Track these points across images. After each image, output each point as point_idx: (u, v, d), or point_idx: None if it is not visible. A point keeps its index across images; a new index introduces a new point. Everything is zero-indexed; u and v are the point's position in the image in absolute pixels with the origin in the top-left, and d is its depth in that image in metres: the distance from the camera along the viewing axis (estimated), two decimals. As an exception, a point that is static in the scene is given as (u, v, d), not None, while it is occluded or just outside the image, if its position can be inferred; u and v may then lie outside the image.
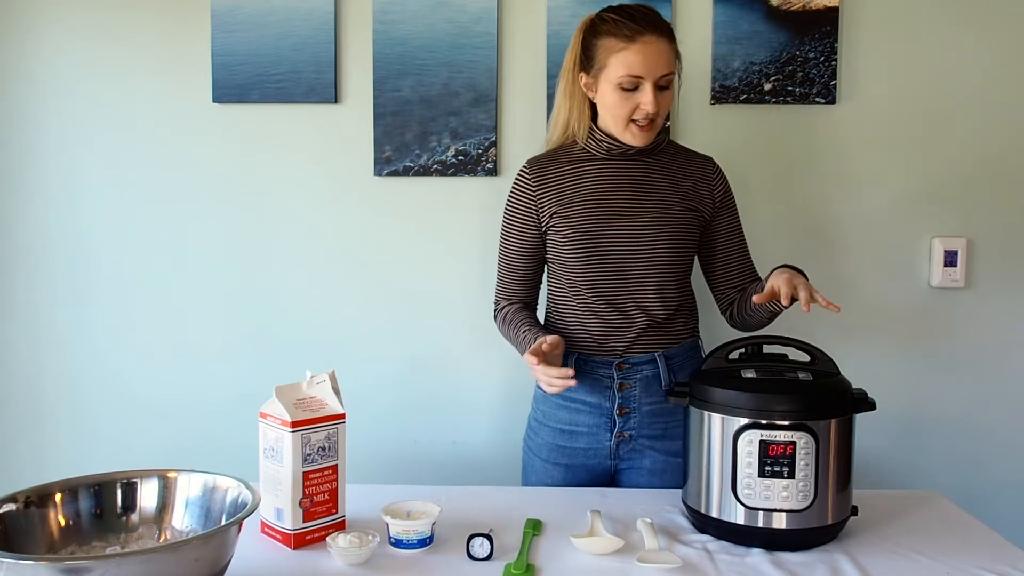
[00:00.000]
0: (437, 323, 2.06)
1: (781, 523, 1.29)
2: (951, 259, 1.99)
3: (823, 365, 1.40)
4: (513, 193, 1.69)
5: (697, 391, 1.37)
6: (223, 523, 1.16)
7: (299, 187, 2.04)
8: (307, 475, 1.31)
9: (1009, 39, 1.98)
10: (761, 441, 1.28)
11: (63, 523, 1.19)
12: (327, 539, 1.27)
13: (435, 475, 2.06)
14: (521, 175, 1.68)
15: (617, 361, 1.62)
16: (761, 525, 1.30)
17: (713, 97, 1.99)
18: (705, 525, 1.36)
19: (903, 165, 2.00)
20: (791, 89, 1.98)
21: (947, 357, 2.03)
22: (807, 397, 1.32)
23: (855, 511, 1.36)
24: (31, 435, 2.10)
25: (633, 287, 1.61)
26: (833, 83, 1.97)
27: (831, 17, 1.96)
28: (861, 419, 1.36)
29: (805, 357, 1.42)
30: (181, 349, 2.08)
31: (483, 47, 1.99)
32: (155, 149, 2.04)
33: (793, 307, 1.48)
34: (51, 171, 2.06)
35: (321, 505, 1.33)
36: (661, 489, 1.57)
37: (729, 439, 1.31)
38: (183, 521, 1.24)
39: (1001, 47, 1.98)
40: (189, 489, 1.25)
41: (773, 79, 1.98)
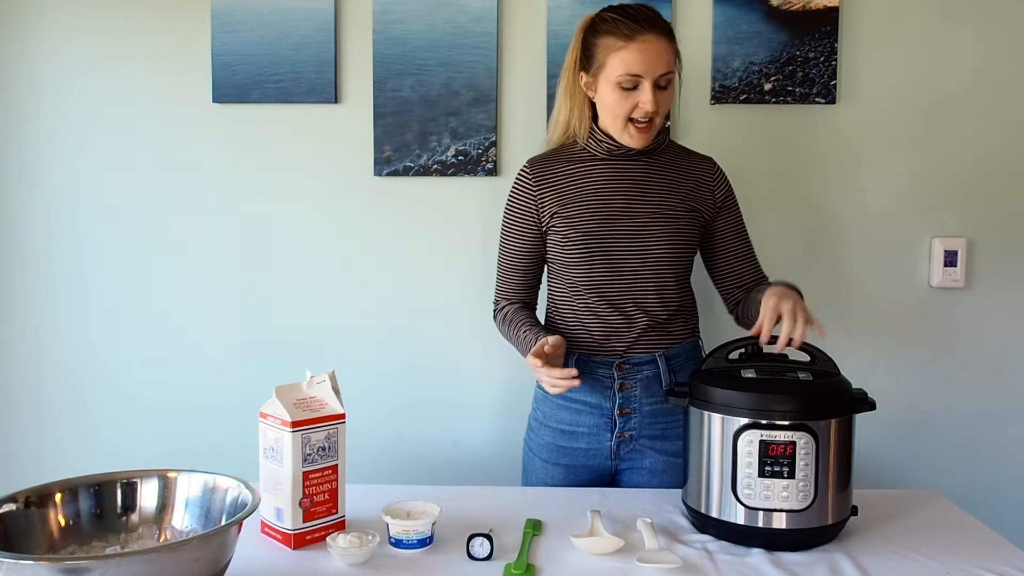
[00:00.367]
0: (437, 323, 2.06)
1: (781, 523, 1.29)
2: (951, 259, 1.99)
3: (823, 365, 1.40)
4: (513, 193, 1.69)
5: (697, 391, 1.37)
6: (223, 523, 1.16)
7: (299, 187, 2.04)
8: (307, 475, 1.31)
9: (1009, 39, 1.98)
10: (761, 441, 1.28)
11: (63, 523, 1.19)
12: (327, 539, 1.27)
13: (435, 475, 2.06)
14: (521, 175, 1.68)
15: (618, 361, 1.62)
16: (761, 525, 1.30)
17: (713, 97, 1.99)
18: (705, 525, 1.37)
19: (903, 165, 2.01)
20: (791, 89, 1.98)
21: (947, 357, 2.03)
22: (807, 397, 1.32)
23: (855, 511, 1.36)
24: (31, 435, 2.10)
25: (633, 287, 1.61)
26: (833, 83, 1.97)
27: (831, 17, 1.96)
28: (861, 419, 1.36)
29: (805, 357, 1.42)
30: (181, 349, 2.08)
31: (483, 47, 1.99)
32: (155, 149, 2.05)
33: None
34: (51, 171, 2.06)
35: (321, 505, 1.33)
36: (661, 489, 1.57)
37: (729, 439, 1.31)
38: (183, 521, 1.24)
39: (1001, 47, 1.98)
40: (189, 489, 1.25)
41: (773, 79, 1.98)
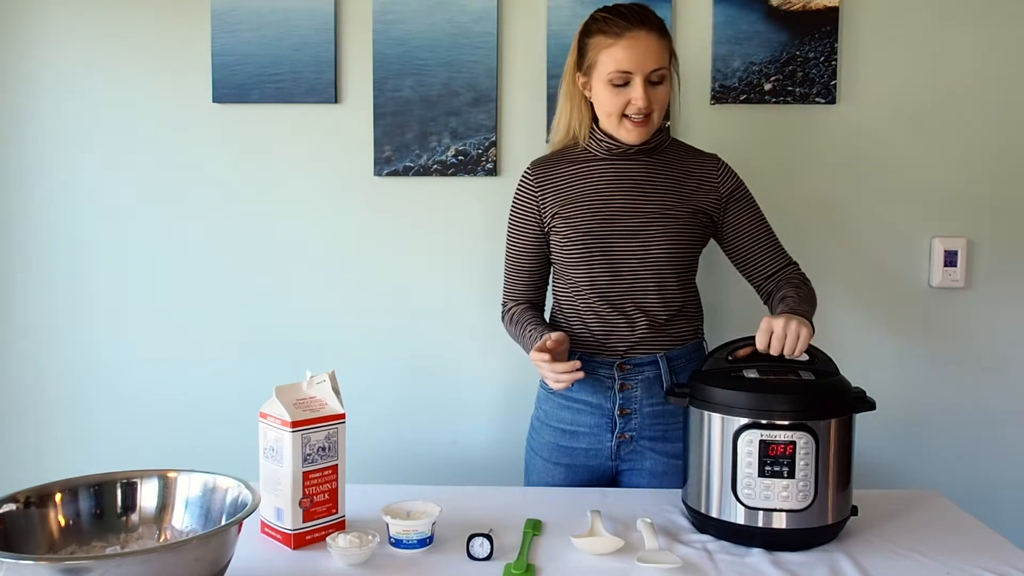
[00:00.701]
0: (437, 323, 2.06)
1: (781, 523, 1.29)
2: (951, 259, 1.99)
3: (823, 365, 1.40)
4: (517, 194, 1.69)
5: (697, 391, 1.37)
6: (223, 523, 1.16)
7: (299, 187, 2.04)
8: (307, 475, 1.31)
9: (1009, 39, 1.98)
10: (761, 441, 1.28)
11: (63, 523, 1.19)
12: (327, 539, 1.27)
13: (435, 475, 2.06)
14: (524, 176, 1.69)
15: (618, 362, 1.62)
16: (761, 525, 1.30)
17: (713, 97, 1.99)
18: (705, 525, 1.36)
19: (903, 165, 2.00)
20: (791, 89, 1.98)
21: (947, 357, 2.03)
22: (807, 397, 1.32)
23: (855, 511, 1.36)
24: (31, 435, 2.10)
25: (634, 288, 1.61)
26: (833, 83, 1.97)
27: (831, 17, 1.96)
28: (861, 419, 1.36)
29: (804, 356, 1.42)
30: (181, 349, 2.08)
31: (483, 47, 1.99)
32: (155, 149, 2.04)
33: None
34: (51, 170, 2.06)
35: (321, 505, 1.33)
36: (661, 489, 1.57)
37: (729, 439, 1.31)
38: (183, 521, 1.24)
39: (1001, 47, 1.98)
40: (189, 489, 1.25)
41: (773, 79, 1.97)
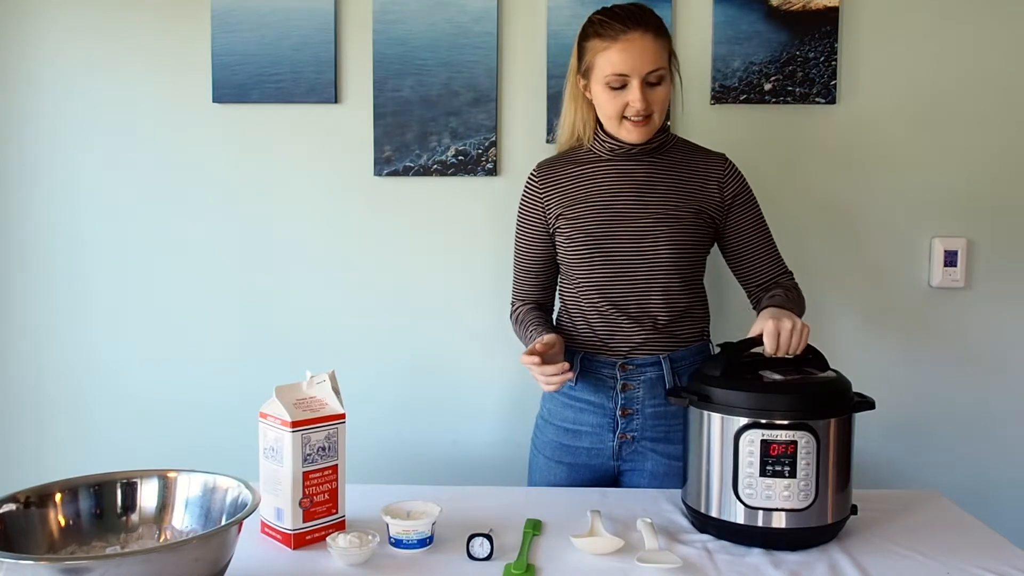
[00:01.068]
0: (437, 322, 2.06)
1: (781, 523, 1.29)
2: (951, 259, 1.99)
3: (820, 361, 1.41)
4: (523, 196, 1.70)
5: (697, 391, 1.37)
6: (223, 523, 1.16)
7: (299, 187, 2.04)
8: (307, 475, 1.31)
9: (1009, 39, 1.98)
10: (762, 441, 1.28)
11: (63, 523, 1.19)
12: (327, 539, 1.27)
13: (435, 475, 2.06)
14: (530, 178, 1.69)
15: (621, 362, 1.62)
16: (761, 525, 1.30)
17: (713, 97, 1.99)
18: (705, 525, 1.36)
19: (903, 165, 2.00)
20: (791, 89, 1.98)
21: (947, 357, 2.03)
22: (808, 397, 1.32)
23: (855, 510, 1.36)
24: (31, 435, 2.10)
25: (637, 289, 1.60)
26: (833, 83, 1.97)
27: (831, 17, 1.96)
28: (861, 419, 1.36)
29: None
30: (181, 349, 2.07)
31: (483, 47, 1.98)
32: (155, 149, 2.04)
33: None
34: (51, 170, 2.06)
35: (321, 505, 1.33)
36: (661, 489, 1.57)
37: (730, 439, 1.31)
38: (183, 521, 1.24)
39: (1001, 47, 1.98)
40: (189, 489, 1.25)
41: (773, 79, 1.97)
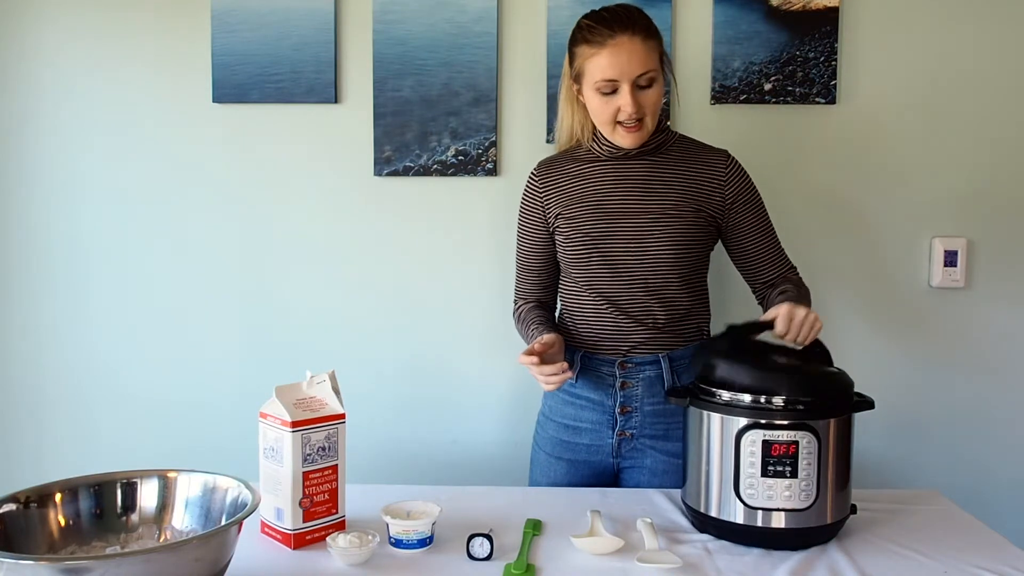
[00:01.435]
0: (437, 323, 2.06)
1: (781, 522, 1.29)
2: (951, 259, 1.99)
3: (825, 356, 1.42)
4: (523, 195, 1.70)
5: (697, 391, 1.37)
6: (223, 523, 1.16)
7: (299, 187, 2.04)
8: (307, 475, 1.31)
9: (1009, 39, 1.98)
10: (764, 441, 1.28)
11: (63, 523, 1.19)
12: (327, 539, 1.27)
13: (435, 475, 2.06)
14: (531, 177, 1.70)
15: (620, 360, 1.62)
16: (761, 524, 1.30)
17: (713, 97, 1.99)
18: (705, 525, 1.37)
19: (903, 165, 2.00)
20: (791, 89, 1.98)
21: (947, 357, 2.03)
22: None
23: (854, 509, 1.36)
24: (31, 435, 2.10)
25: (636, 289, 1.60)
26: (833, 83, 1.97)
27: (831, 17, 1.96)
28: (861, 419, 1.36)
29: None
30: (181, 349, 2.07)
31: (483, 47, 1.98)
32: (155, 149, 2.04)
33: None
34: (50, 170, 2.06)
35: (321, 505, 1.33)
36: (661, 489, 1.57)
37: (731, 439, 1.31)
38: (183, 521, 1.24)
39: (1001, 47, 1.98)
40: (189, 489, 1.25)
41: (773, 79, 1.97)
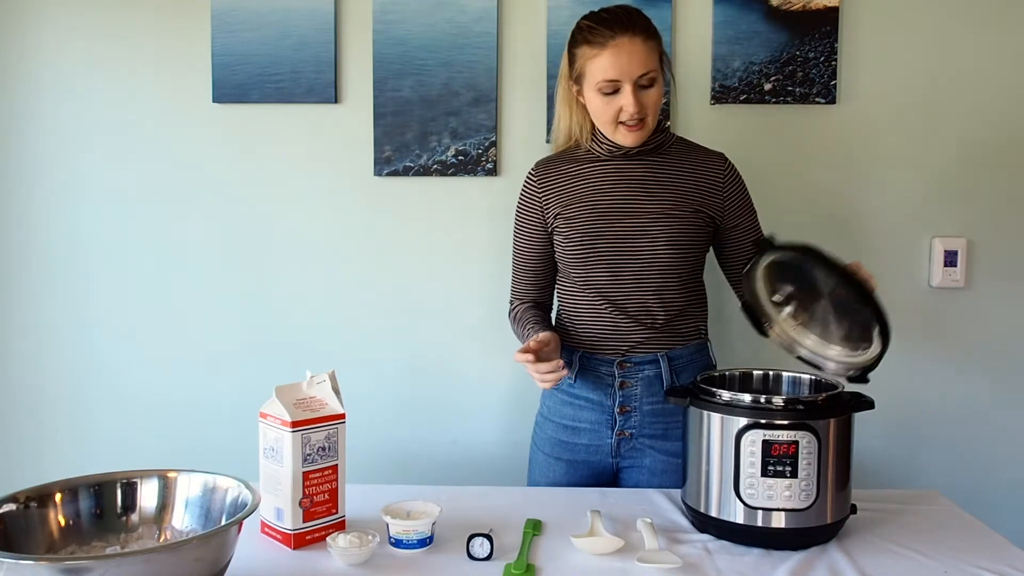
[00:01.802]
0: (437, 323, 2.06)
1: (781, 522, 1.29)
2: (951, 259, 1.99)
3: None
4: (521, 195, 1.70)
5: (697, 391, 1.37)
6: (223, 523, 1.15)
7: (299, 187, 2.04)
8: (307, 475, 1.31)
9: (1009, 39, 1.98)
10: (764, 441, 1.28)
11: (63, 523, 1.19)
12: (327, 539, 1.27)
13: (435, 475, 2.06)
14: (528, 177, 1.70)
15: (619, 360, 1.62)
16: (761, 524, 1.30)
17: (713, 97, 1.99)
18: (705, 525, 1.37)
19: (903, 165, 2.00)
20: (791, 89, 1.98)
21: (947, 357, 2.03)
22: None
23: (854, 509, 1.36)
24: (31, 435, 2.10)
25: (634, 289, 1.61)
26: (833, 83, 1.97)
27: (831, 17, 1.96)
28: (861, 419, 1.36)
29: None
30: (181, 349, 2.07)
31: (483, 47, 1.98)
32: (155, 149, 2.04)
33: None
34: (50, 170, 2.06)
35: (321, 505, 1.33)
36: (661, 489, 1.57)
37: (731, 439, 1.31)
38: (183, 521, 1.24)
39: (1001, 47, 1.98)
40: (189, 489, 1.25)
41: (773, 79, 1.97)
